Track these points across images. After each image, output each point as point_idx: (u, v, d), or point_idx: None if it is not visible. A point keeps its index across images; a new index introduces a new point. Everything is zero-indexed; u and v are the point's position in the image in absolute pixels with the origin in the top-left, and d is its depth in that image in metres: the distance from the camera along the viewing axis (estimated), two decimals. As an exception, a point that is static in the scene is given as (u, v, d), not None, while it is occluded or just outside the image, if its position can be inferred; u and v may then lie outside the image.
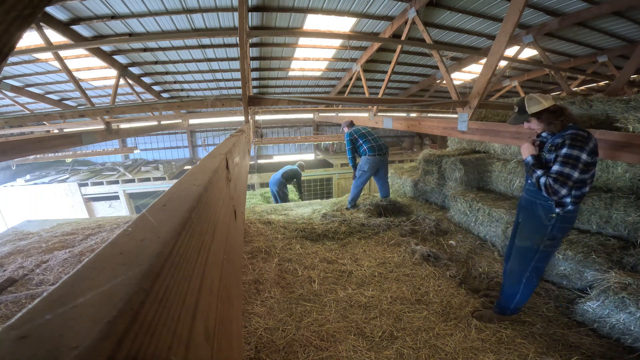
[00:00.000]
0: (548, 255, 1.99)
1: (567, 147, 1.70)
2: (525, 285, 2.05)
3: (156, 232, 0.33)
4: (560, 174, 1.69)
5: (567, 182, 1.68)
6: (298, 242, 3.47)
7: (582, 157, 1.67)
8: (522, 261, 2.04)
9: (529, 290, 2.07)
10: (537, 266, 2.01)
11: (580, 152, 1.67)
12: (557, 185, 1.69)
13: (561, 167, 1.70)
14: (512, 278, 2.11)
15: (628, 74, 5.43)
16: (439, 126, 3.95)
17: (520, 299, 2.10)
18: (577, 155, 1.67)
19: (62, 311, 0.20)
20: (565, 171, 1.69)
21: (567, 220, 1.87)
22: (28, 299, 2.57)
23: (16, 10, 0.31)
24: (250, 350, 1.92)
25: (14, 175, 8.78)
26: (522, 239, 2.06)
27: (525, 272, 2.02)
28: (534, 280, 2.04)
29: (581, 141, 1.69)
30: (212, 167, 0.67)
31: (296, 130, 11.75)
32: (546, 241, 1.92)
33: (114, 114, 3.93)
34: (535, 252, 1.97)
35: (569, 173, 1.68)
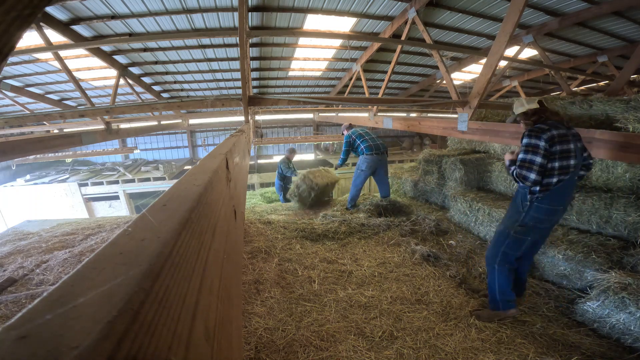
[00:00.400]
0: (517, 243, 2.09)
1: (526, 137, 1.94)
2: (499, 272, 2.15)
3: (156, 232, 0.33)
4: (524, 160, 1.91)
5: (532, 167, 1.87)
6: (298, 242, 3.47)
7: (540, 144, 1.86)
8: (494, 245, 2.20)
9: (503, 277, 2.14)
10: (506, 252, 2.11)
11: (538, 140, 1.87)
12: (524, 171, 1.90)
13: (524, 155, 1.92)
14: (488, 265, 2.24)
15: (628, 74, 5.43)
16: (439, 126, 3.95)
17: (500, 289, 2.16)
18: (535, 143, 1.88)
19: (62, 311, 0.20)
20: (527, 158, 1.90)
21: (539, 211, 1.99)
22: (28, 299, 2.57)
23: (16, 10, 0.31)
24: (250, 350, 1.92)
25: (14, 175, 8.78)
26: (500, 224, 2.24)
27: (496, 257, 2.14)
28: (504, 267, 2.13)
29: (536, 131, 1.91)
30: (212, 167, 0.67)
31: (296, 130, 11.75)
32: (517, 227, 2.06)
33: (114, 114, 3.93)
34: (506, 237, 2.11)
35: (532, 159, 1.89)
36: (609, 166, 2.76)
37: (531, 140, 1.90)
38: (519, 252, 2.12)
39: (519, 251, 2.12)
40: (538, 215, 1.99)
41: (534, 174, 1.87)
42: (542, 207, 1.97)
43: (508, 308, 2.18)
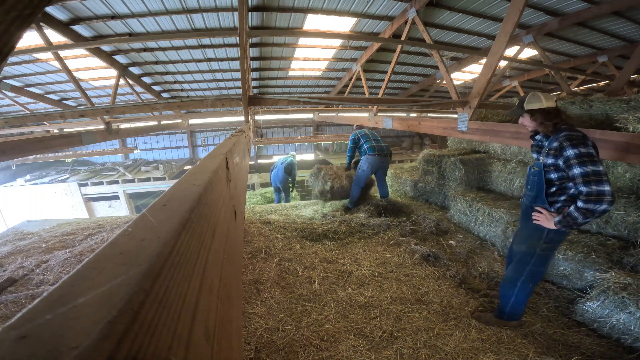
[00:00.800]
0: (546, 259, 1.94)
1: (571, 148, 1.61)
2: (520, 289, 2.02)
3: (156, 232, 0.33)
4: (587, 174, 1.56)
5: (601, 178, 1.54)
6: (298, 242, 3.47)
7: (592, 151, 1.60)
8: (518, 265, 2.02)
9: (523, 295, 2.03)
10: (534, 270, 1.96)
11: (587, 147, 1.60)
12: (594, 185, 1.54)
13: (583, 168, 1.57)
14: (508, 281, 2.09)
15: (628, 74, 5.43)
16: (439, 126, 3.95)
17: (514, 304, 2.07)
18: (586, 151, 1.59)
19: (62, 311, 0.20)
20: (590, 169, 1.56)
21: None
22: (28, 299, 2.57)
23: (16, 10, 0.31)
24: (250, 350, 1.92)
25: (14, 175, 8.78)
26: (518, 243, 2.05)
27: (521, 276, 2.00)
28: (528, 285, 2.00)
29: (578, 138, 1.64)
30: (212, 167, 0.67)
31: (296, 130, 11.75)
32: (543, 244, 1.89)
33: (114, 114, 3.93)
34: (532, 256, 1.93)
35: (595, 169, 1.56)
36: (609, 166, 2.76)
37: (581, 149, 1.59)
38: (546, 267, 2.00)
39: (547, 266, 1.99)
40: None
41: (608, 185, 1.53)
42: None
43: (511, 320, 2.15)
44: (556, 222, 1.73)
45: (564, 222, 1.69)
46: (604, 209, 1.55)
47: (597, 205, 1.55)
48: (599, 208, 1.55)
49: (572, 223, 1.67)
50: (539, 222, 1.83)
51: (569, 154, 1.62)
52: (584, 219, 1.61)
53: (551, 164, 1.76)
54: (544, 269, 1.98)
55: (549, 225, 1.78)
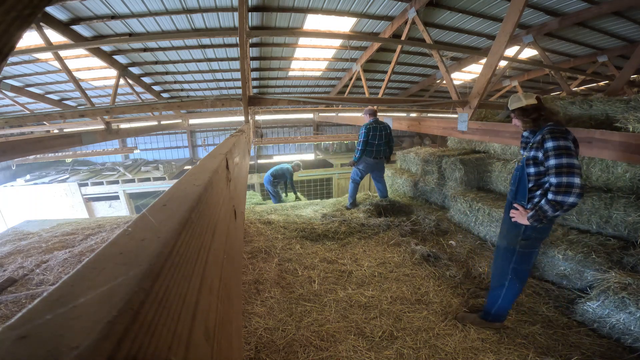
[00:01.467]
0: (526, 257, 1.95)
1: (551, 140, 1.68)
2: (508, 289, 2.01)
3: (156, 232, 0.33)
4: (560, 166, 1.62)
5: (573, 171, 1.59)
6: (298, 242, 3.47)
7: (571, 146, 1.66)
8: (501, 262, 2.04)
9: (511, 295, 2.02)
10: (517, 269, 1.96)
11: (566, 141, 1.66)
12: (565, 177, 1.59)
13: (557, 160, 1.63)
14: (495, 280, 2.10)
15: (628, 74, 5.43)
16: (439, 126, 3.96)
17: (502, 305, 2.06)
18: (565, 145, 1.65)
19: (62, 311, 0.20)
20: (564, 161, 1.62)
21: None
22: (28, 299, 2.57)
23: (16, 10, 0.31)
24: (250, 350, 1.92)
25: (14, 175, 8.78)
26: (500, 239, 2.09)
27: (507, 275, 2.00)
28: (516, 284, 1.99)
29: (560, 132, 1.69)
30: (212, 167, 0.67)
31: (296, 130, 11.75)
32: (521, 241, 1.91)
33: (114, 114, 3.93)
34: (513, 253, 1.95)
35: (569, 162, 1.61)
36: (609, 166, 2.76)
37: (559, 142, 1.65)
38: (530, 264, 1.98)
39: (530, 264, 1.97)
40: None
41: (579, 178, 1.57)
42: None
43: (495, 321, 2.13)
44: (528, 217, 1.78)
45: (536, 216, 1.74)
46: (572, 202, 1.59)
47: (566, 197, 1.60)
48: (567, 200, 1.60)
49: (542, 217, 1.71)
50: (515, 219, 1.88)
51: (547, 146, 1.69)
52: (553, 212, 1.66)
53: (532, 157, 1.80)
54: (527, 267, 1.97)
55: (523, 221, 1.82)
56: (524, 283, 2.02)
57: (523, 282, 2.01)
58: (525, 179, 1.86)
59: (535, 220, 1.75)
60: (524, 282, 2.02)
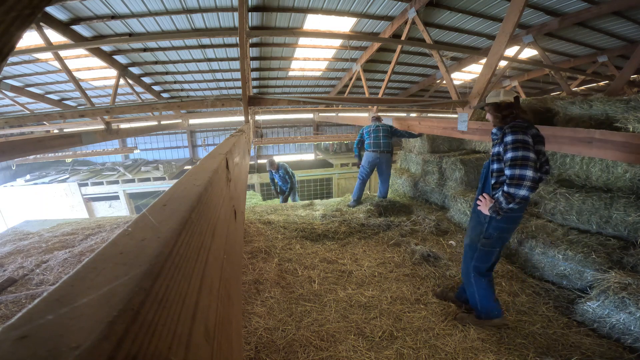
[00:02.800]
0: (486, 256, 1.98)
1: (511, 134, 1.72)
2: (477, 287, 2.05)
3: (156, 232, 0.33)
4: (515, 158, 1.65)
5: (527, 164, 1.62)
6: (298, 242, 3.47)
7: (529, 140, 1.68)
8: (465, 259, 2.11)
9: (482, 290, 2.05)
10: (476, 266, 2.01)
11: (525, 135, 1.69)
12: (518, 169, 1.63)
13: (514, 152, 1.67)
14: (464, 279, 2.15)
15: (628, 74, 5.43)
16: (439, 126, 3.95)
17: (481, 300, 2.08)
18: (523, 139, 1.68)
19: (62, 311, 0.20)
20: (519, 154, 1.65)
21: (504, 220, 1.85)
22: (28, 299, 2.57)
23: (16, 10, 0.31)
24: (250, 350, 1.92)
25: (14, 175, 8.79)
26: (466, 236, 2.14)
27: (470, 272, 2.05)
28: (480, 280, 2.03)
29: (520, 127, 1.72)
30: (212, 167, 0.67)
31: (296, 130, 11.75)
32: (482, 239, 1.95)
33: (114, 114, 3.93)
34: (474, 251, 2.00)
35: (524, 154, 1.64)
36: (609, 166, 2.76)
37: (518, 136, 1.70)
38: (489, 263, 2.02)
39: (489, 263, 2.02)
40: (500, 224, 1.88)
41: (531, 171, 1.61)
42: (506, 215, 1.82)
43: (490, 317, 2.12)
44: (488, 207, 1.83)
45: (493, 208, 1.80)
46: (524, 195, 1.63)
47: (517, 189, 1.63)
48: (518, 192, 1.63)
49: (498, 208, 1.76)
50: (480, 207, 1.92)
51: (506, 140, 1.73)
52: (506, 204, 1.70)
53: (496, 153, 1.84)
54: (487, 265, 2.02)
55: (485, 210, 1.87)
56: (488, 277, 2.05)
57: (487, 277, 2.05)
58: (489, 176, 1.90)
59: (493, 212, 1.79)
60: (487, 276, 2.05)
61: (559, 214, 2.96)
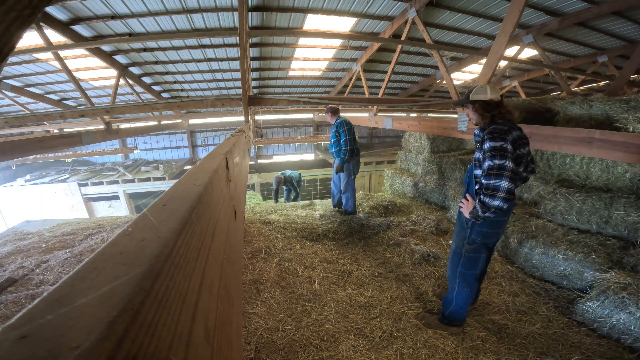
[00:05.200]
0: (472, 262, 1.90)
1: (489, 141, 1.64)
2: (458, 293, 1.98)
3: (156, 232, 0.33)
4: (491, 168, 1.59)
5: (502, 173, 1.57)
6: (298, 242, 3.47)
7: (508, 147, 1.61)
8: (450, 265, 2.03)
9: (461, 299, 1.98)
10: (463, 272, 1.93)
11: (503, 142, 1.61)
12: (493, 179, 1.58)
13: (491, 161, 1.61)
14: (450, 283, 2.06)
15: (628, 74, 5.42)
16: (439, 126, 3.95)
17: (455, 308, 2.02)
18: (501, 146, 1.60)
19: (62, 311, 0.20)
20: (496, 163, 1.59)
21: (484, 224, 1.79)
22: (28, 299, 2.57)
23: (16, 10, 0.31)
24: (250, 350, 1.92)
25: (14, 175, 8.79)
26: (452, 241, 2.07)
27: (455, 278, 1.97)
28: (464, 288, 1.95)
29: (499, 132, 1.64)
30: (212, 167, 0.67)
31: (296, 130, 11.75)
32: (466, 245, 1.89)
33: (114, 114, 3.93)
34: (460, 256, 1.93)
35: (500, 164, 1.58)
36: (609, 166, 2.76)
37: (496, 143, 1.62)
38: (477, 271, 1.93)
39: (476, 270, 1.93)
40: (483, 229, 1.81)
41: (506, 182, 1.56)
42: (489, 220, 1.75)
43: (452, 325, 2.09)
44: (469, 212, 1.78)
45: (472, 213, 1.75)
46: (497, 205, 1.59)
47: (491, 200, 1.59)
48: (492, 203, 1.59)
49: (475, 214, 1.72)
50: (462, 209, 1.87)
51: (485, 147, 1.66)
52: (482, 212, 1.67)
53: (477, 159, 1.77)
54: (474, 272, 1.93)
55: (466, 214, 1.82)
56: (473, 289, 1.98)
57: (472, 287, 1.97)
58: (473, 181, 1.83)
59: (472, 216, 1.76)
60: (473, 288, 1.98)
61: (559, 214, 2.96)
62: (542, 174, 3.36)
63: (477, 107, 1.81)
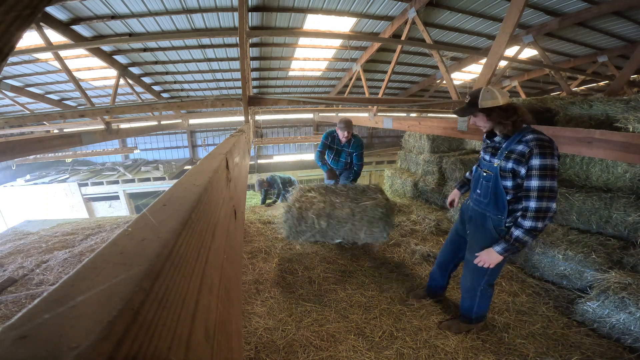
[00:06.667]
0: (499, 268, 1.87)
1: (540, 157, 1.49)
2: (481, 298, 1.97)
3: (156, 232, 0.33)
4: (542, 189, 1.48)
5: (554, 196, 1.49)
6: (298, 242, 3.47)
7: (556, 165, 1.49)
8: (474, 276, 1.93)
9: (485, 300, 1.99)
10: (489, 279, 1.92)
11: (553, 159, 1.48)
12: (545, 202, 1.49)
13: (541, 182, 1.49)
14: (466, 293, 2.03)
15: (628, 74, 5.42)
16: (439, 126, 3.95)
17: (478, 310, 2.03)
18: (551, 164, 1.48)
19: (62, 311, 0.20)
20: (547, 185, 1.48)
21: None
22: (28, 299, 2.57)
23: (16, 10, 0.31)
24: (250, 350, 1.92)
25: (14, 175, 8.78)
26: (469, 253, 1.92)
27: (479, 287, 1.94)
28: (488, 291, 1.96)
29: (549, 147, 1.50)
30: (212, 167, 0.67)
31: (296, 130, 11.74)
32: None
33: (114, 114, 3.93)
34: (485, 270, 1.84)
35: (552, 185, 1.49)
36: (609, 166, 2.76)
37: (547, 161, 1.47)
38: (499, 272, 1.95)
39: (499, 273, 1.96)
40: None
41: (555, 203, 1.49)
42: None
43: (480, 321, 2.10)
44: (501, 251, 1.64)
45: (512, 249, 1.61)
46: (546, 225, 1.54)
47: (543, 222, 1.52)
48: (544, 224, 1.53)
49: (521, 247, 1.60)
50: (486, 264, 1.73)
51: (534, 164, 1.50)
52: (532, 239, 1.56)
53: (511, 169, 1.60)
54: (497, 275, 1.95)
55: (497, 259, 1.68)
56: (493, 288, 2.01)
57: (493, 287, 2.00)
58: (502, 192, 1.67)
59: (512, 253, 1.65)
60: (493, 287, 2.01)
61: (559, 214, 2.96)
62: (542, 174, 3.35)
63: (494, 115, 1.62)
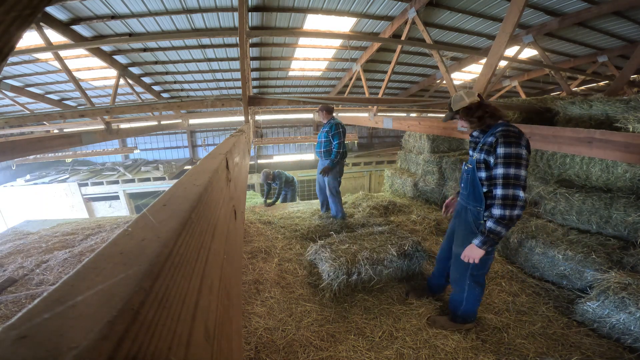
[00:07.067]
0: (484, 263, 1.89)
1: (504, 146, 1.58)
2: (468, 294, 1.99)
3: (156, 232, 0.33)
4: (507, 176, 1.55)
5: (519, 183, 1.54)
6: (298, 242, 3.47)
7: (523, 153, 1.56)
8: (459, 269, 1.99)
9: (473, 298, 2.00)
10: (475, 274, 1.93)
11: (519, 147, 1.56)
12: (511, 189, 1.54)
13: (505, 169, 1.56)
14: (455, 286, 2.06)
15: (628, 74, 5.42)
16: (439, 126, 3.95)
17: (466, 308, 2.03)
18: (517, 152, 1.55)
19: (62, 311, 0.20)
20: (511, 172, 1.54)
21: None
22: (28, 299, 2.57)
23: (16, 10, 0.31)
24: (250, 350, 1.92)
25: (14, 175, 8.78)
26: (456, 246, 2.00)
27: (465, 281, 1.97)
28: (476, 288, 1.97)
29: (514, 137, 1.58)
30: (212, 167, 0.67)
31: (296, 130, 11.75)
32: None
33: (114, 114, 3.93)
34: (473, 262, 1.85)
35: (516, 173, 1.54)
36: (609, 166, 2.76)
37: (511, 149, 1.56)
38: (486, 269, 1.95)
39: (486, 269, 1.95)
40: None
41: (522, 192, 1.54)
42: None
43: (466, 322, 2.10)
44: (479, 245, 1.68)
45: (490, 241, 1.65)
46: (518, 214, 1.56)
47: (512, 210, 1.55)
48: (514, 212, 1.55)
49: (497, 239, 1.64)
50: (470, 259, 1.76)
51: (499, 152, 1.59)
52: (506, 230, 1.60)
53: (483, 160, 1.71)
54: (484, 272, 1.95)
55: (479, 254, 1.71)
56: (483, 286, 2.01)
57: (483, 286, 2.01)
58: (479, 183, 1.76)
59: (490, 246, 1.68)
60: (483, 284, 2.01)
61: (559, 214, 2.96)
62: (542, 174, 3.36)
63: (462, 114, 1.81)
